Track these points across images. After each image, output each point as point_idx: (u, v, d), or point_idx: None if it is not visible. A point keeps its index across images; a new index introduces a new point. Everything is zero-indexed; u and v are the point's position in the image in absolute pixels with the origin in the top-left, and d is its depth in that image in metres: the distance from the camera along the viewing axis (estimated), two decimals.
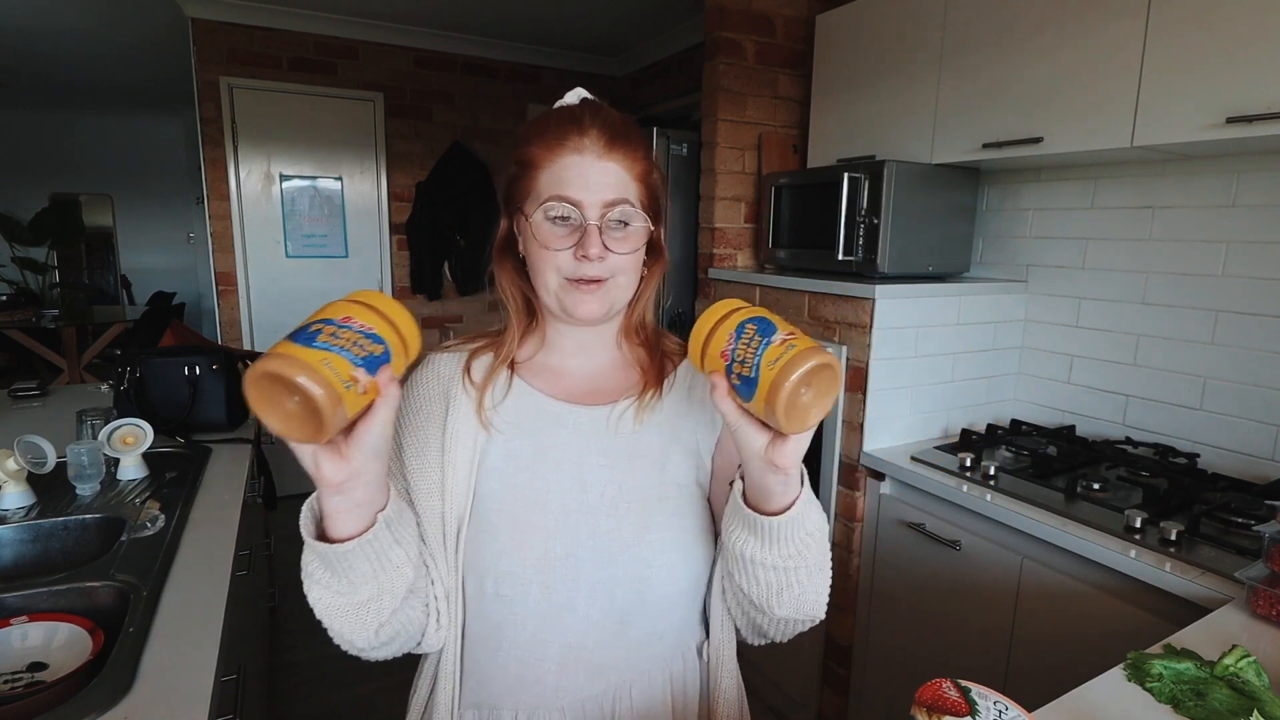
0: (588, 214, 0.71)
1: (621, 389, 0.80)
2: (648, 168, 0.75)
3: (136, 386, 1.77)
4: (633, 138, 0.74)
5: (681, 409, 0.80)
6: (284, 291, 3.72)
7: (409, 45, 3.78)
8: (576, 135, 0.71)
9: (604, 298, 0.73)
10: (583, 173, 0.71)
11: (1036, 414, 1.97)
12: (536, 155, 0.73)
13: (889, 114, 1.99)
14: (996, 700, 0.59)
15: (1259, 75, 1.25)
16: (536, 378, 0.80)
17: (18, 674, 0.91)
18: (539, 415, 0.77)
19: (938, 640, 1.64)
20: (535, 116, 0.76)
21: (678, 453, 0.78)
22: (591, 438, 0.77)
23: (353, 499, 0.58)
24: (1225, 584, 1.12)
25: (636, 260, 0.75)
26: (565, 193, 0.70)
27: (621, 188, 0.72)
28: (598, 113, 0.73)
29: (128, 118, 6.73)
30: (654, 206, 0.76)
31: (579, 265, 0.71)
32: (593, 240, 0.70)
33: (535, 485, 0.75)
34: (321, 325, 0.53)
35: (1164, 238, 1.68)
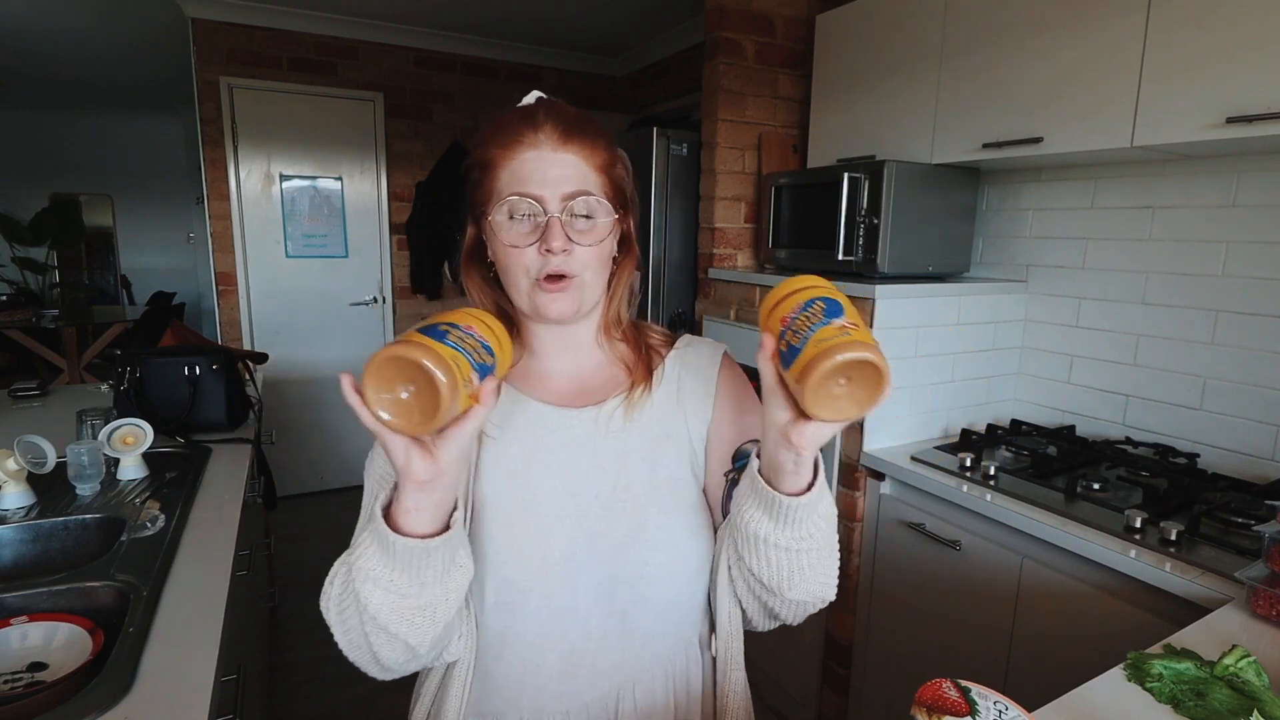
0: (548, 207, 0.70)
1: (609, 387, 0.80)
2: (609, 158, 0.75)
3: (136, 386, 1.77)
4: (589, 130, 0.73)
5: (671, 403, 0.80)
6: (284, 291, 3.72)
7: (409, 45, 3.78)
8: (531, 131, 0.71)
9: (573, 296, 0.73)
10: (540, 166, 0.70)
11: (1036, 414, 1.97)
12: (494, 156, 0.72)
13: (889, 114, 1.99)
14: (996, 700, 0.59)
15: (1259, 75, 1.25)
16: (524, 382, 0.79)
17: (18, 674, 0.91)
18: (528, 419, 0.77)
19: (938, 640, 1.64)
20: (491, 120, 0.77)
21: (669, 447, 0.78)
22: (582, 439, 0.77)
23: (432, 498, 0.58)
24: (1225, 584, 1.12)
25: (603, 253, 0.74)
26: (524, 189, 0.70)
27: (581, 179, 0.71)
28: (551, 108, 0.74)
29: (128, 118, 6.73)
30: (619, 198, 0.75)
31: (544, 261, 0.70)
32: (555, 233, 0.69)
33: (528, 489, 0.75)
34: (449, 328, 0.56)
35: (1164, 238, 1.68)
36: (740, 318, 2.17)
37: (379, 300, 3.96)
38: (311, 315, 3.80)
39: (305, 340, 3.80)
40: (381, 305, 3.97)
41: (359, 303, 3.92)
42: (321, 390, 3.85)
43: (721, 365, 0.82)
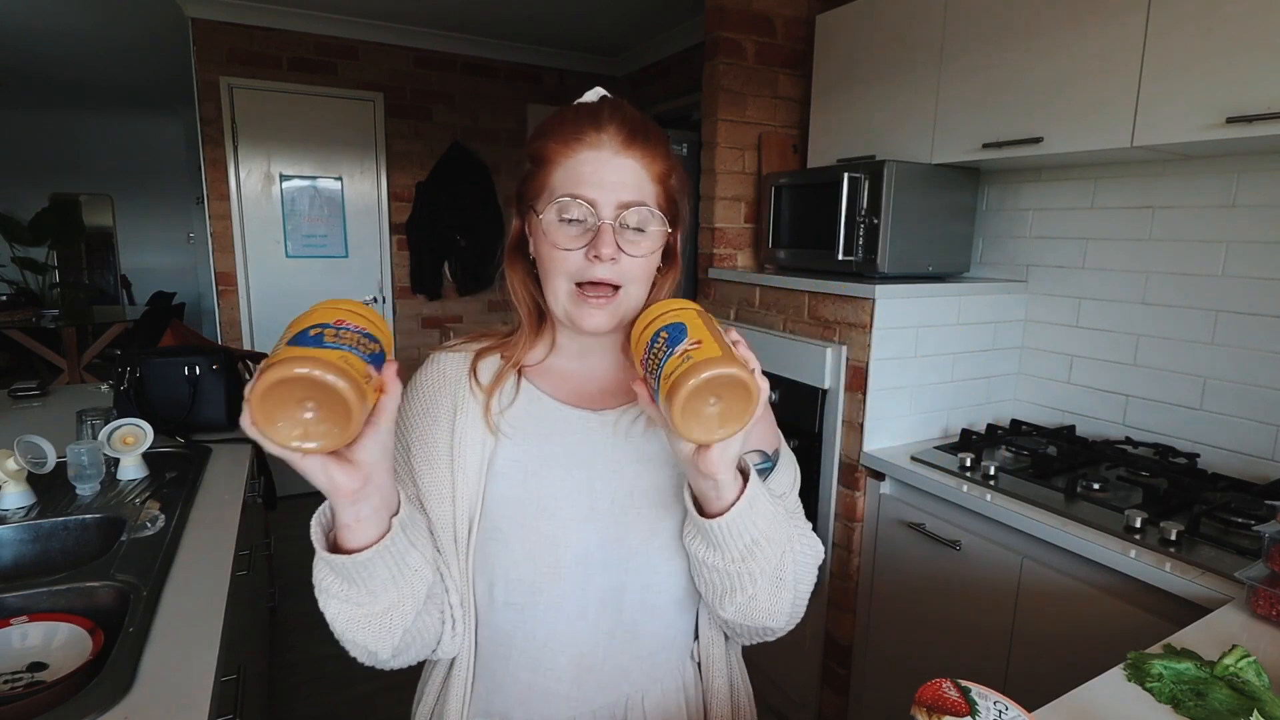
0: (602, 212, 0.67)
1: (631, 391, 0.76)
2: (668, 168, 0.72)
3: (136, 386, 1.77)
4: (653, 136, 0.71)
5: None
6: (284, 291, 3.72)
7: (409, 45, 3.78)
8: (593, 131, 0.68)
9: (613, 310, 0.70)
10: (598, 169, 0.68)
11: (1036, 414, 1.97)
12: (551, 151, 0.70)
13: (889, 114, 1.99)
14: (996, 700, 0.59)
15: (1259, 75, 1.25)
16: (544, 381, 0.78)
17: (18, 674, 0.91)
18: (547, 419, 0.75)
19: (938, 640, 1.64)
20: (553, 113, 0.74)
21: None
22: (600, 442, 0.75)
23: (369, 504, 0.57)
24: (1225, 584, 1.12)
25: (650, 265, 0.71)
26: (579, 190, 0.67)
27: (639, 188, 0.69)
28: (617, 109, 0.71)
29: (128, 118, 6.73)
30: (672, 210, 0.73)
31: (590, 266, 0.68)
32: (606, 240, 0.67)
33: (544, 491, 0.73)
34: (321, 328, 0.52)
35: (1164, 238, 1.68)
36: (740, 317, 2.17)
37: (379, 300, 3.96)
38: None
39: None
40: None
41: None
42: None
43: None
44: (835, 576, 1.90)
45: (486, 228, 4.07)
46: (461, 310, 4.16)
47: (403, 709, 0.82)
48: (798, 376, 1.89)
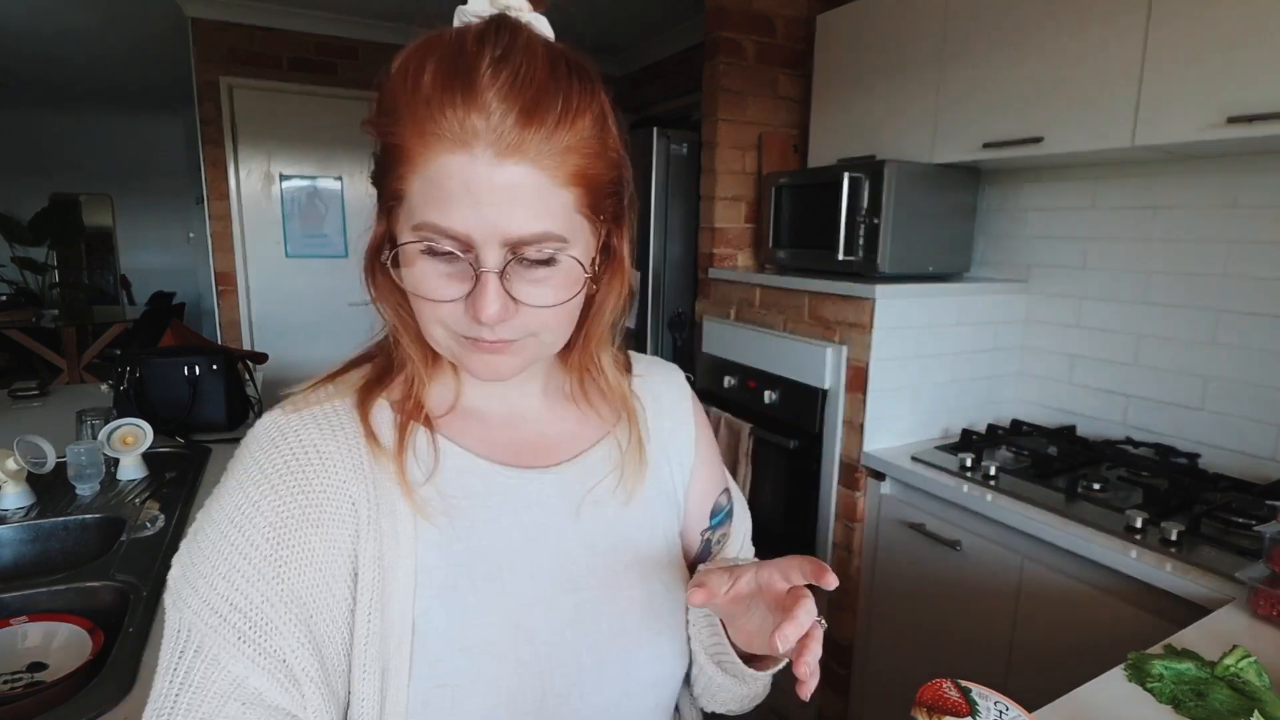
0: (483, 257, 0.45)
1: (576, 430, 0.61)
2: (592, 153, 0.47)
3: (136, 386, 1.76)
4: (568, 103, 0.45)
5: (661, 451, 0.65)
6: (284, 291, 3.72)
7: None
8: (461, 110, 0.43)
9: (518, 353, 0.51)
10: (470, 186, 0.44)
11: (1037, 414, 1.97)
12: (403, 140, 0.45)
13: (889, 114, 1.99)
14: (997, 700, 0.59)
15: (1260, 75, 1.25)
16: (465, 434, 0.56)
17: (18, 674, 0.91)
18: (488, 492, 0.54)
19: (938, 640, 1.64)
20: (414, 44, 0.48)
21: (659, 505, 0.63)
22: (562, 517, 0.56)
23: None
24: (1226, 584, 1.12)
25: (566, 309, 0.51)
26: (445, 222, 0.45)
27: (541, 207, 0.45)
28: (506, 58, 0.44)
29: (128, 118, 6.73)
30: (605, 207, 0.51)
31: (472, 324, 0.48)
32: (488, 297, 0.46)
33: (504, 604, 0.53)
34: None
35: (1165, 237, 1.68)
36: (740, 317, 2.17)
37: None
38: (311, 315, 3.80)
39: (305, 340, 3.80)
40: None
41: (359, 303, 3.87)
42: None
43: (689, 392, 0.70)
44: (837, 576, 1.90)
45: None
46: None
47: None
48: (798, 376, 1.89)
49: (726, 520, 0.69)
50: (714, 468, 0.70)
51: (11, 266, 5.80)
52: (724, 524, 0.69)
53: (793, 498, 1.99)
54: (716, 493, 0.69)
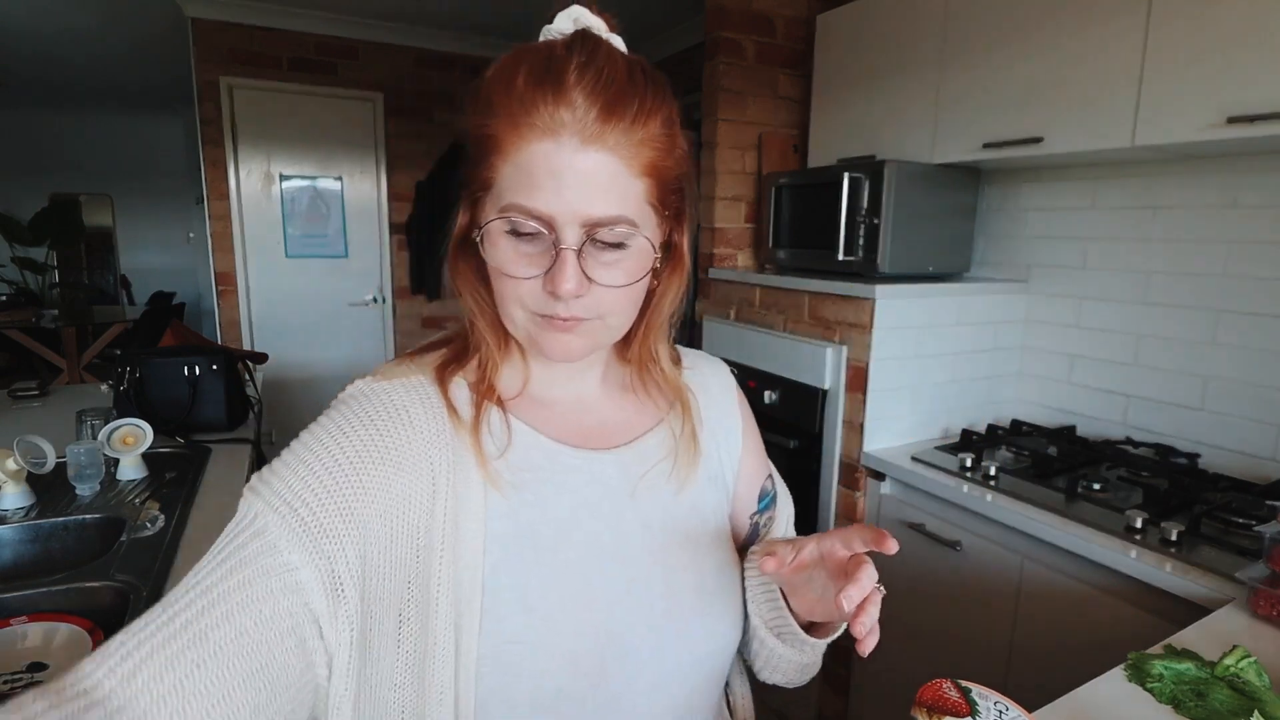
0: (562, 235, 0.50)
1: (633, 418, 0.64)
2: (662, 150, 0.52)
3: (136, 386, 1.76)
4: (643, 104, 0.50)
5: (712, 446, 0.68)
6: (284, 291, 3.72)
7: (409, 45, 3.78)
8: (551, 105, 0.48)
9: (587, 334, 0.55)
10: (556, 171, 0.48)
11: (1037, 414, 1.97)
12: (496, 131, 0.50)
13: (889, 114, 1.99)
14: (997, 700, 0.59)
15: (1259, 75, 1.25)
16: (533, 414, 0.60)
17: (18, 674, 0.91)
18: (551, 470, 0.58)
19: (938, 640, 1.64)
20: (509, 55, 0.52)
21: (710, 490, 0.67)
22: (620, 496, 0.60)
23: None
24: (1226, 584, 1.12)
25: (635, 291, 0.55)
26: (531, 202, 0.49)
27: (617, 193, 0.50)
28: (590, 64, 0.49)
29: (128, 118, 6.73)
30: (670, 202, 0.55)
31: (547, 300, 0.52)
32: (566, 273, 0.50)
33: (564, 573, 0.56)
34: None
35: (1165, 237, 1.68)
36: (740, 317, 2.17)
37: (379, 300, 3.96)
38: (311, 315, 3.81)
39: (305, 340, 3.80)
40: (381, 305, 3.97)
41: (359, 303, 3.92)
42: (321, 390, 3.85)
43: (735, 389, 0.74)
44: None
45: None
46: None
47: None
48: (798, 376, 1.89)
49: (772, 504, 0.72)
50: (758, 455, 0.73)
51: (11, 266, 5.80)
52: (770, 508, 0.72)
53: (793, 497, 1.99)
54: (762, 479, 0.72)
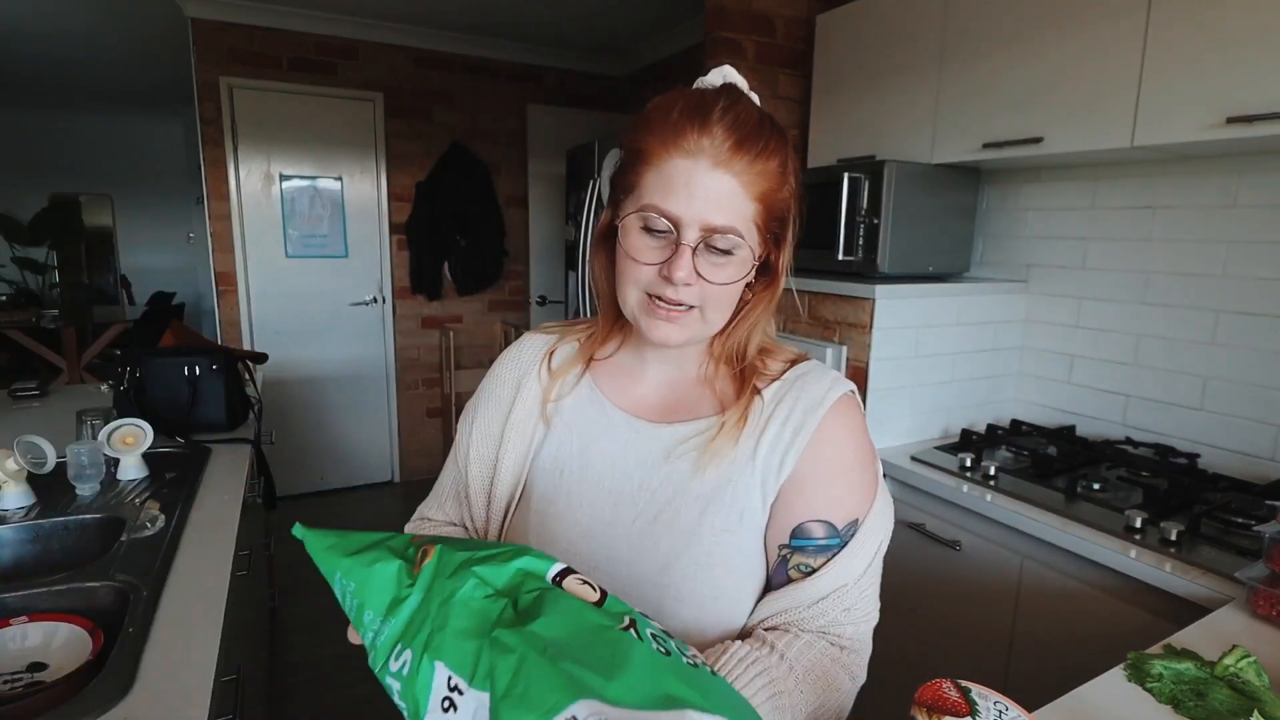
0: (684, 234, 0.63)
1: (695, 408, 0.72)
2: (775, 184, 0.65)
3: (136, 386, 1.76)
4: (766, 147, 0.64)
5: (749, 449, 0.69)
6: (284, 291, 3.72)
7: (409, 45, 3.78)
8: (695, 133, 0.62)
9: (684, 326, 0.66)
10: (690, 182, 0.62)
11: (1037, 414, 1.97)
12: (648, 147, 0.64)
13: (889, 114, 1.99)
14: (997, 700, 0.59)
15: (1259, 75, 1.25)
16: (607, 379, 0.76)
17: (18, 674, 0.91)
18: (599, 422, 0.74)
19: (938, 640, 1.64)
20: (669, 93, 0.67)
21: (729, 494, 0.69)
22: (642, 459, 0.71)
23: None
24: (1225, 584, 1.12)
25: (731, 291, 0.67)
26: (665, 204, 0.63)
27: (733, 210, 0.63)
28: (731, 108, 0.64)
29: (128, 118, 6.73)
30: (774, 227, 0.67)
31: (661, 283, 0.64)
32: (681, 263, 0.62)
33: (573, 495, 0.72)
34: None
35: (1164, 238, 1.68)
36: None
37: (379, 300, 3.96)
38: (311, 315, 3.80)
39: (305, 340, 3.80)
40: (381, 305, 3.97)
41: (359, 303, 3.92)
42: (321, 390, 3.85)
43: (828, 413, 0.69)
44: None
45: (486, 228, 4.06)
46: (461, 310, 4.16)
47: None
48: None
49: (817, 554, 0.67)
50: (822, 495, 0.68)
51: (11, 266, 5.80)
52: (809, 554, 0.67)
53: None
54: (811, 518, 0.68)
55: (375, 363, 3.99)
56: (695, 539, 0.68)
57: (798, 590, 0.67)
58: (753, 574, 0.70)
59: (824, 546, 0.67)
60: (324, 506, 3.73)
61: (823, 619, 0.67)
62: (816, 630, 0.68)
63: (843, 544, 0.68)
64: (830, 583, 0.67)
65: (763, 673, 0.61)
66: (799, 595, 0.67)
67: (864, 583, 0.70)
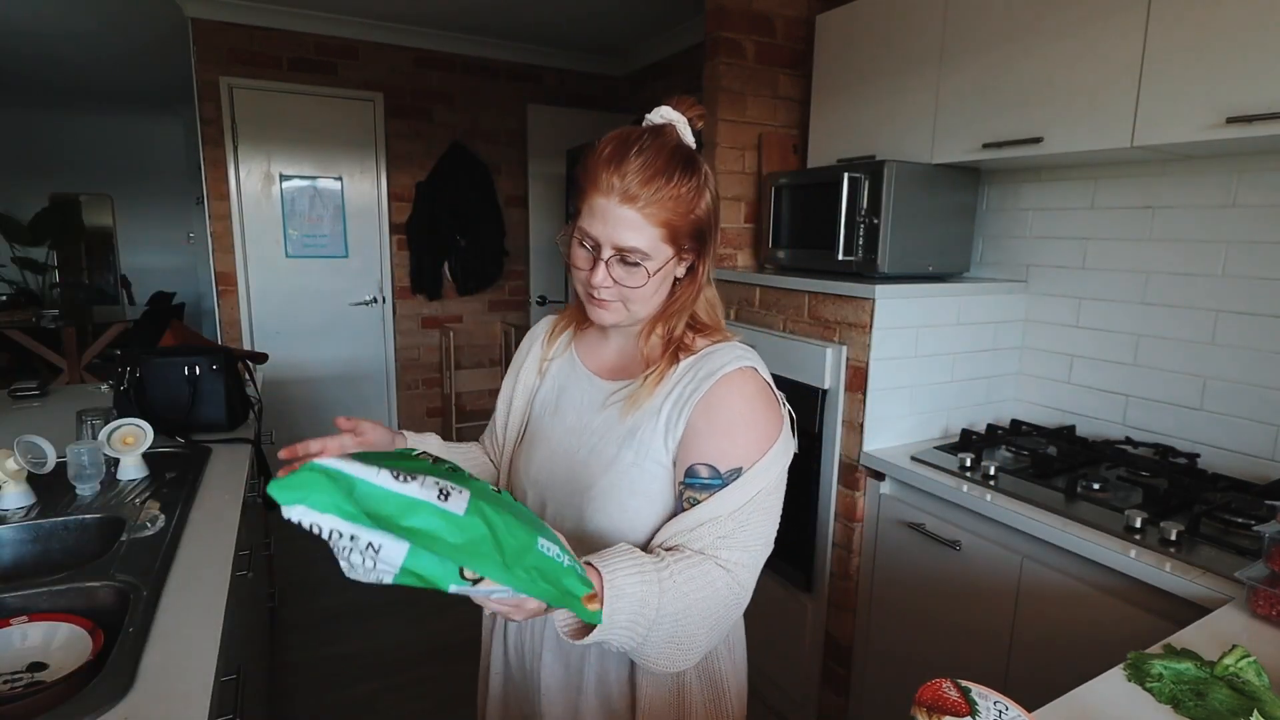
0: (602, 251, 0.82)
1: (633, 371, 0.92)
2: (682, 209, 0.82)
3: (136, 386, 1.76)
4: (670, 180, 0.80)
5: (658, 404, 0.87)
6: (284, 291, 3.72)
7: (409, 45, 3.78)
8: (610, 174, 0.79)
9: (612, 312, 0.86)
10: (603, 214, 0.80)
11: (1036, 414, 1.97)
12: (584, 182, 0.82)
13: (889, 114, 1.99)
14: (996, 700, 0.59)
15: (1259, 75, 1.25)
16: (583, 347, 0.99)
17: (18, 674, 0.91)
18: (571, 375, 0.98)
19: (938, 640, 1.64)
20: (611, 133, 0.84)
21: (639, 436, 0.87)
22: (591, 404, 0.93)
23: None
24: (1225, 584, 1.12)
25: (645, 291, 0.84)
26: (589, 226, 0.82)
27: (637, 235, 0.80)
28: (644, 151, 0.80)
29: (128, 118, 6.73)
30: (681, 242, 0.84)
31: (591, 285, 0.84)
32: (599, 274, 0.83)
33: (545, 426, 0.96)
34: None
35: (1164, 238, 1.68)
36: (740, 317, 2.17)
37: (379, 300, 3.96)
38: (311, 315, 3.81)
39: (305, 340, 3.80)
40: (381, 305, 3.97)
41: (359, 303, 3.92)
42: (321, 390, 3.85)
43: (720, 381, 0.84)
44: (835, 576, 1.90)
45: (486, 228, 4.07)
46: (461, 310, 4.17)
47: (403, 709, 0.82)
48: (798, 376, 1.89)
49: (701, 488, 0.81)
50: (709, 444, 0.83)
51: (11, 266, 5.80)
52: (696, 490, 0.82)
53: (792, 497, 1.99)
54: (699, 460, 0.82)
55: (375, 363, 3.99)
56: (613, 466, 0.86)
57: (684, 516, 0.82)
58: (653, 500, 0.85)
59: (707, 484, 0.81)
60: None
61: (700, 541, 0.79)
62: (698, 550, 0.79)
63: (724, 484, 0.81)
64: (708, 511, 0.80)
65: (636, 561, 0.74)
66: (684, 520, 0.81)
67: (740, 516, 0.80)
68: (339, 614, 2.63)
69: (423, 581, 0.55)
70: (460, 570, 0.56)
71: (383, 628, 2.54)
